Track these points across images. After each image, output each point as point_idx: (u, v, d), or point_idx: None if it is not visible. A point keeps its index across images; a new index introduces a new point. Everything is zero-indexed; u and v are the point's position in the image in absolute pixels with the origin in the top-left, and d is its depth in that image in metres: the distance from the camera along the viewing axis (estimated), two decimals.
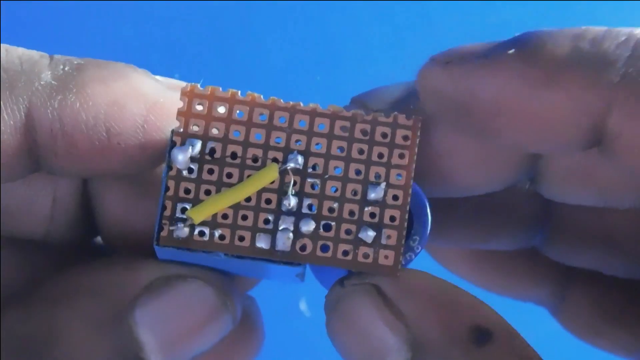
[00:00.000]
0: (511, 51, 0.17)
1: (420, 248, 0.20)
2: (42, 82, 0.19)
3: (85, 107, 0.19)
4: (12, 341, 0.19)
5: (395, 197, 0.19)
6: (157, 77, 0.20)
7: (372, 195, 0.19)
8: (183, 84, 0.19)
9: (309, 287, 0.21)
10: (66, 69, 0.19)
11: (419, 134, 0.19)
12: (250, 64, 0.48)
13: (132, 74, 0.20)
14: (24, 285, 0.21)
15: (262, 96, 0.19)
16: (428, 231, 0.20)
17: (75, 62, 0.19)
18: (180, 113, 0.19)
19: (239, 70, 0.48)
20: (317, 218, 0.19)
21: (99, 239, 0.24)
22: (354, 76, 0.47)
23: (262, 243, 0.19)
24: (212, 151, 0.19)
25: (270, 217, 0.19)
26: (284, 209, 0.19)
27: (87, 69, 0.19)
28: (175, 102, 0.19)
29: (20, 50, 0.19)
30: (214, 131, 0.19)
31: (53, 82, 0.19)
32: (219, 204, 0.19)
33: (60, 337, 0.19)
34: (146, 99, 0.19)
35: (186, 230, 0.19)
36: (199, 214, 0.18)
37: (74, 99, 0.19)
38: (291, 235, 0.19)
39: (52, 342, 0.19)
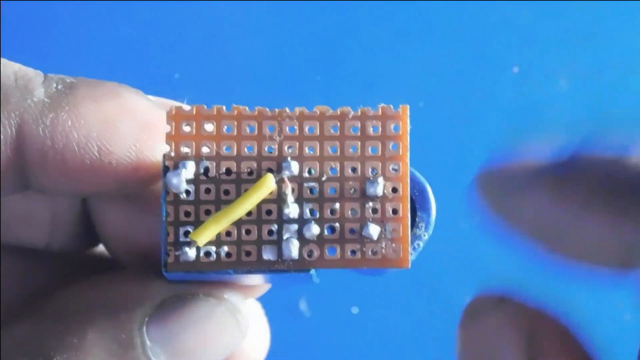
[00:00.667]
0: None
1: (427, 234, 0.20)
2: (34, 99, 0.18)
3: (76, 126, 0.19)
4: (20, 353, 0.19)
5: (394, 189, 0.19)
6: (150, 96, 0.20)
7: (371, 190, 0.19)
8: (175, 103, 0.19)
9: (309, 287, 0.21)
10: (59, 87, 0.19)
11: (409, 121, 0.19)
12: (250, 64, 0.48)
13: (125, 93, 0.19)
14: (27, 294, 0.21)
15: (247, 108, 0.19)
16: (433, 216, 0.20)
17: (68, 81, 0.19)
18: (169, 137, 0.19)
19: (239, 71, 0.48)
20: (319, 222, 0.19)
21: (101, 247, 0.24)
22: (354, 76, 0.47)
23: (269, 255, 0.19)
24: (207, 170, 0.19)
25: (274, 228, 0.19)
26: (285, 217, 0.19)
27: (80, 87, 0.19)
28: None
29: (17, 66, 0.19)
30: (205, 150, 0.19)
31: (46, 99, 0.19)
32: (221, 222, 0.18)
33: (70, 351, 0.19)
34: (138, 118, 0.19)
35: (192, 253, 0.18)
36: (201, 236, 0.18)
37: (66, 117, 0.19)
38: (296, 242, 0.19)
39: (62, 356, 0.19)
